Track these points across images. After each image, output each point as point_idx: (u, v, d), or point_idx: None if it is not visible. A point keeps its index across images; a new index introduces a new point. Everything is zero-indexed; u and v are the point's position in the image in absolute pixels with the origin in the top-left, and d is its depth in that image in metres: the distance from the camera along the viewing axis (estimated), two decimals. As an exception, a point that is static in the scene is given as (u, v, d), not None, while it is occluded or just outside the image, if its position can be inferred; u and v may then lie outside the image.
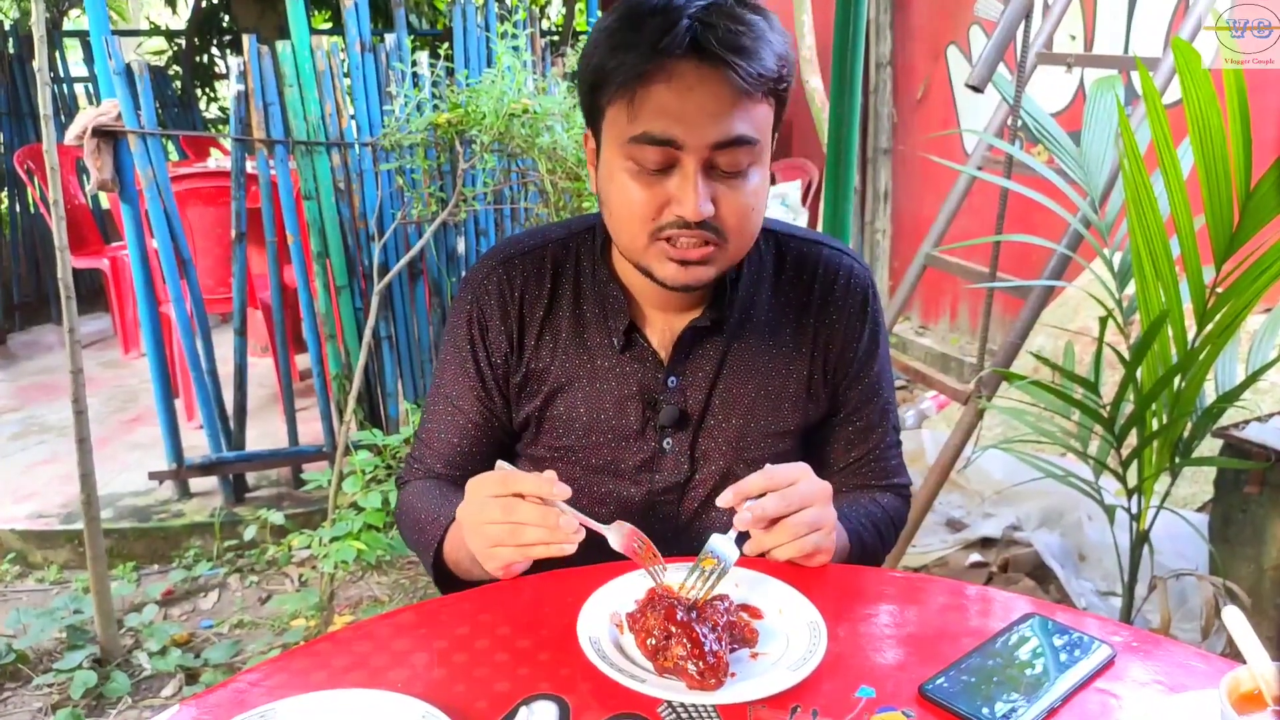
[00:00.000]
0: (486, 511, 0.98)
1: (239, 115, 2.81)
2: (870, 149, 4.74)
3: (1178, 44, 1.48)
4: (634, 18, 1.00)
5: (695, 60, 0.98)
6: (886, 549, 1.25)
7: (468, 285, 1.22)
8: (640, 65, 0.98)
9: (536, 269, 1.19)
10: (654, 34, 0.97)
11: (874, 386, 1.24)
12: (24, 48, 5.05)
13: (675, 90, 0.98)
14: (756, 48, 0.99)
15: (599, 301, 1.18)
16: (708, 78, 0.98)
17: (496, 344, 1.19)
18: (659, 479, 1.20)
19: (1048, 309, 3.12)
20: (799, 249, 1.22)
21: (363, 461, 2.47)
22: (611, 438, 1.19)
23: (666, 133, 0.99)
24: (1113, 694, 0.85)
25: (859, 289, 1.21)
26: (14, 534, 3.02)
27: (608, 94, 1.03)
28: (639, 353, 1.17)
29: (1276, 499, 1.96)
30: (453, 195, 2.78)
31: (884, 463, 1.27)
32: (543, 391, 1.19)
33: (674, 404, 1.17)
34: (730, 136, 1.00)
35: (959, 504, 2.91)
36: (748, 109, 1.01)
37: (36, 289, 5.28)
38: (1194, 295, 1.64)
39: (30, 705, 2.33)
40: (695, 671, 0.84)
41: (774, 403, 1.19)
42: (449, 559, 1.15)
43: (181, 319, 2.96)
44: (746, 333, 1.18)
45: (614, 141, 1.04)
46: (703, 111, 0.99)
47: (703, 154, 1.00)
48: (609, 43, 1.01)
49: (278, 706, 0.82)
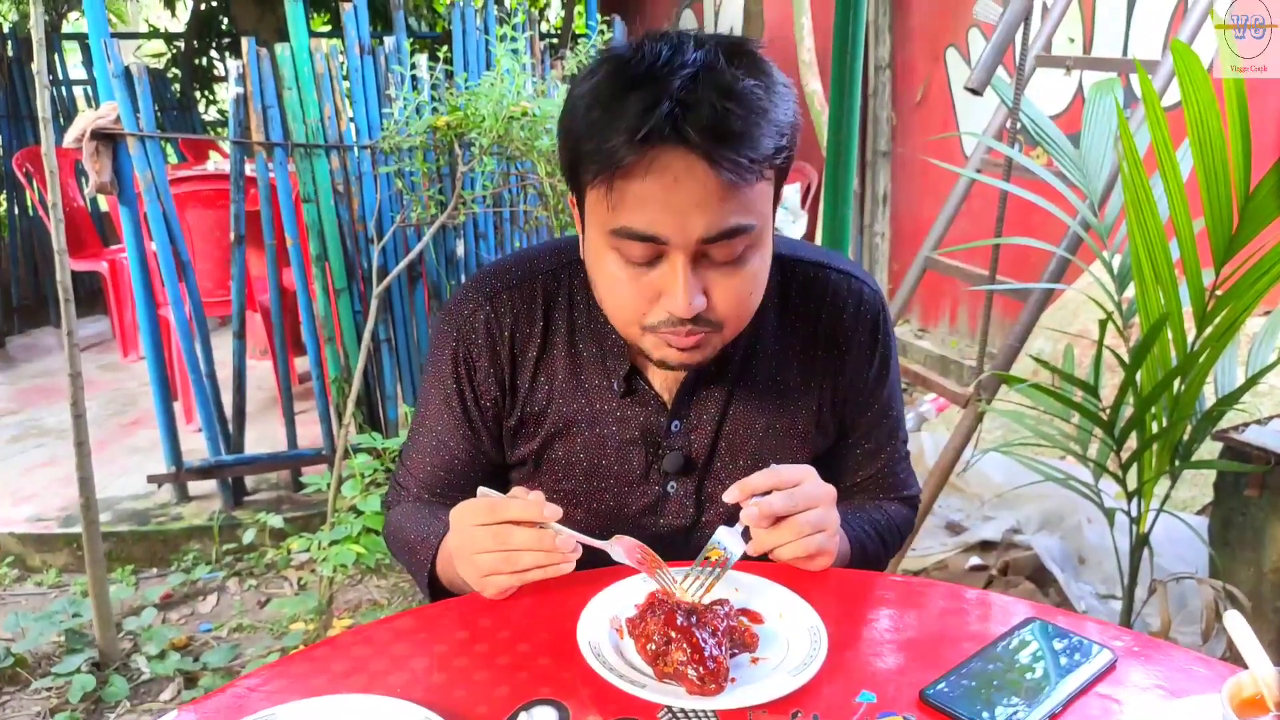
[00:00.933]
0: (477, 541, 0.96)
1: (238, 118, 2.80)
2: (870, 152, 4.74)
3: (1177, 47, 1.48)
4: (614, 91, 0.89)
5: (679, 148, 0.87)
6: (890, 555, 1.23)
7: (450, 318, 1.13)
8: (618, 154, 0.87)
9: (527, 304, 1.11)
10: (633, 117, 0.86)
11: (884, 409, 1.20)
12: (22, 50, 5.04)
13: (657, 182, 0.88)
14: (749, 129, 0.88)
15: (596, 341, 1.11)
16: (693, 167, 0.87)
17: (485, 388, 1.13)
18: (664, 523, 1.16)
19: (1047, 312, 3.12)
20: (805, 274, 1.14)
21: (362, 465, 2.47)
22: (614, 483, 1.14)
23: (650, 229, 0.90)
24: (1114, 699, 0.84)
25: (869, 315, 1.15)
26: (13, 537, 3.02)
27: (586, 176, 0.93)
28: (641, 396, 1.11)
29: (1276, 502, 1.96)
30: (452, 198, 2.78)
31: (894, 477, 1.25)
32: (539, 435, 1.14)
33: (678, 449, 1.13)
34: (720, 230, 0.91)
35: (959, 507, 2.91)
36: (740, 194, 0.90)
37: (35, 291, 5.28)
38: (1193, 298, 1.64)
39: (29, 709, 2.33)
40: (695, 677, 0.84)
41: (782, 440, 1.14)
42: (443, 577, 1.12)
43: (180, 322, 2.96)
44: (752, 370, 1.12)
45: (596, 225, 0.95)
46: (689, 204, 0.89)
47: (691, 248, 0.91)
48: (587, 117, 0.90)
49: (277, 712, 0.82)
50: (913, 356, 4.51)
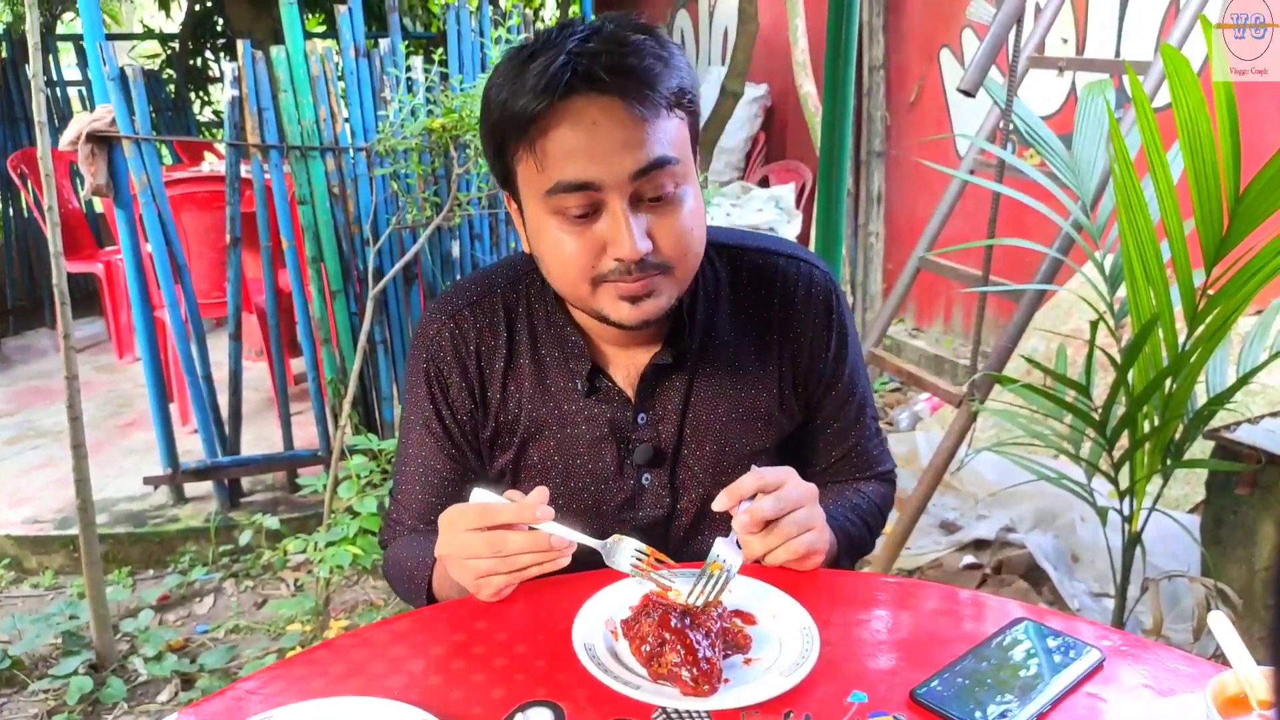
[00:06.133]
0: (469, 546, 0.96)
1: (234, 120, 2.81)
2: (863, 152, 4.75)
3: (1167, 50, 1.49)
4: (517, 68, 0.96)
5: (589, 94, 0.94)
6: (874, 536, 1.26)
7: (420, 342, 1.18)
8: (532, 108, 0.94)
9: (489, 318, 1.15)
10: (538, 78, 0.93)
11: (849, 388, 1.22)
12: (17, 51, 5.04)
13: (577, 129, 0.95)
14: (646, 66, 0.95)
15: (558, 344, 1.15)
16: (607, 108, 0.94)
17: (459, 402, 1.16)
18: (642, 515, 1.18)
19: (1040, 312, 3.14)
20: (754, 261, 1.18)
21: (358, 466, 2.47)
22: (590, 481, 1.17)
23: (581, 176, 0.96)
24: (1102, 698, 0.86)
25: (820, 296, 1.18)
26: (9, 539, 3.02)
27: (511, 149, 0.99)
28: (605, 394, 1.15)
29: (1267, 500, 1.97)
30: (447, 200, 2.79)
31: (866, 455, 1.27)
32: (514, 443, 1.17)
33: (647, 441, 1.16)
34: (647, 162, 0.96)
35: (953, 506, 2.92)
36: (657, 129, 0.96)
37: (30, 293, 5.28)
38: (1185, 298, 1.65)
39: (26, 711, 2.33)
40: (689, 678, 0.85)
41: (746, 424, 1.17)
42: (438, 594, 1.13)
43: (176, 324, 2.96)
44: (710, 359, 1.15)
45: (532, 196, 1.01)
46: (612, 144, 0.95)
47: (625, 188, 0.96)
48: (499, 99, 0.98)
49: (275, 714, 0.83)
50: (907, 356, 4.52)
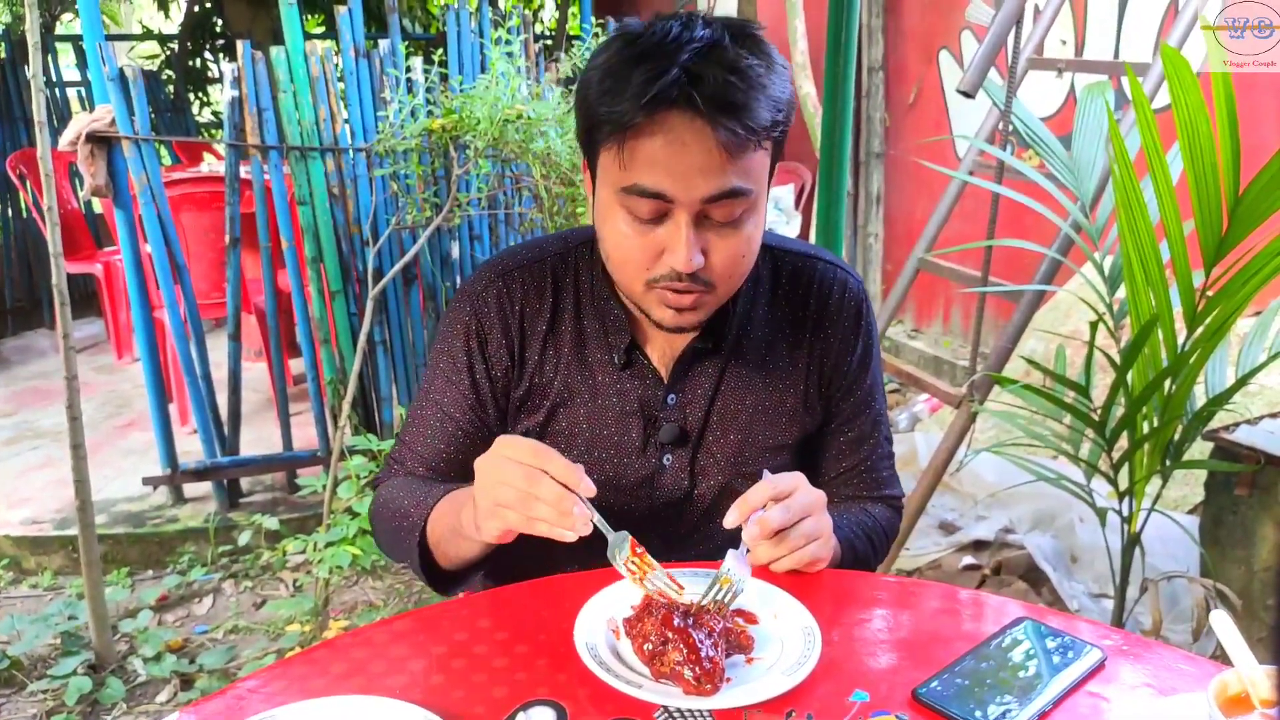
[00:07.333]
0: (507, 472, 0.95)
1: (233, 121, 2.81)
2: (863, 153, 4.75)
3: (1166, 51, 1.49)
4: (627, 60, 0.97)
5: (686, 112, 0.95)
6: (878, 558, 1.26)
7: (464, 297, 1.20)
8: (630, 116, 0.96)
9: (537, 282, 1.18)
10: (644, 83, 0.94)
11: (867, 398, 1.25)
12: (16, 52, 5.03)
13: (665, 143, 0.96)
14: (749, 101, 0.96)
15: (599, 317, 1.18)
16: (699, 132, 0.96)
17: (496, 358, 1.19)
18: (660, 494, 1.20)
19: (1039, 313, 3.14)
20: (794, 264, 1.22)
21: (357, 466, 2.47)
22: (613, 453, 1.19)
23: (657, 186, 0.98)
24: (1103, 697, 0.86)
25: (853, 302, 1.22)
26: (8, 540, 3.02)
27: (600, 137, 1.01)
28: (639, 370, 1.18)
29: (1266, 501, 1.98)
30: (447, 200, 2.79)
31: (876, 474, 1.28)
32: (545, 406, 1.19)
33: (673, 421, 1.18)
34: (721, 190, 0.98)
35: (952, 507, 2.92)
36: (741, 161, 0.98)
37: (29, 293, 5.27)
38: (1184, 299, 1.65)
39: (25, 712, 2.33)
40: (691, 677, 0.85)
41: (771, 417, 1.20)
42: (430, 538, 1.12)
43: (175, 324, 2.96)
44: (744, 350, 1.19)
45: (608, 185, 1.03)
46: (693, 166, 0.97)
47: (694, 207, 0.99)
48: (600, 86, 0.99)
49: (277, 714, 0.82)
50: (906, 357, 4.52)
